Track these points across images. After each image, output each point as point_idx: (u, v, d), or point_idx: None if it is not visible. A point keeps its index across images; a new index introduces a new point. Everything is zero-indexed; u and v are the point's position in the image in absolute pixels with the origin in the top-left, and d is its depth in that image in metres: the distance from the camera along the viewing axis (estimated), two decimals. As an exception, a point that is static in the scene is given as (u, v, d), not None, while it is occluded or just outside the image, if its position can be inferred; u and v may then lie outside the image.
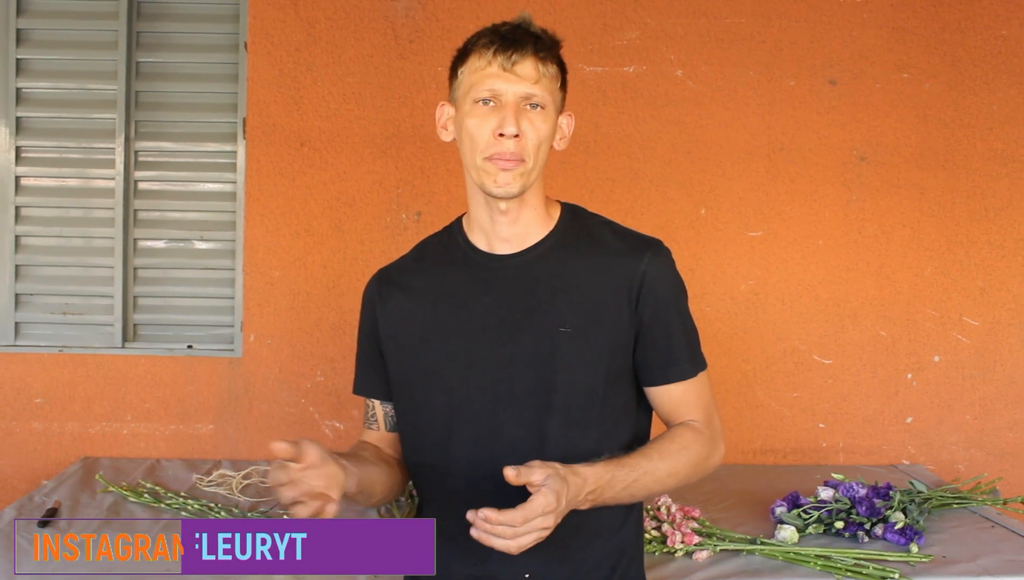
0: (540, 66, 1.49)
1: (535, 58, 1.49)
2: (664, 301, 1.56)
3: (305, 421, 3.06)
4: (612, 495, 1.44)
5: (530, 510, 1.29)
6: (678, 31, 3.05)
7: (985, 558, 2.17)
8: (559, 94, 1.55)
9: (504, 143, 1.47)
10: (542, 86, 1.49)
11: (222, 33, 3.09)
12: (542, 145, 1.51)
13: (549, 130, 1.52)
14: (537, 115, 1.50)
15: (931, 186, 3.09)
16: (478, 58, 1.50)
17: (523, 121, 1.48)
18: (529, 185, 1.53)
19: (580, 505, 1.39)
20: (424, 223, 3.00)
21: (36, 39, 3.07)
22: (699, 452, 1.55)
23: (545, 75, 1.50)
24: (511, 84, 1.48)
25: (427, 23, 3.02)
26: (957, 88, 3.09)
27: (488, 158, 1.49)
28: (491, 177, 1.50)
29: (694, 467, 1.54)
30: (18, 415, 3.05)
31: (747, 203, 3.08)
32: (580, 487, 1.37)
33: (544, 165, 1.55)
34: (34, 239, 3.09)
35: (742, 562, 2.16)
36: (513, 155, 1.48)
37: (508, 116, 1.47)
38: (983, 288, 3.10)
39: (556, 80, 1.53)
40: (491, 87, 1.49)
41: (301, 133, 3.03)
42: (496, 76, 1.48)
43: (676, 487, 1.54)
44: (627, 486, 1.45)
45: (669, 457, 1.51)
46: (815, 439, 3.11)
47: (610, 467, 1.43)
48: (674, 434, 1.56)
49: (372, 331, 1.68)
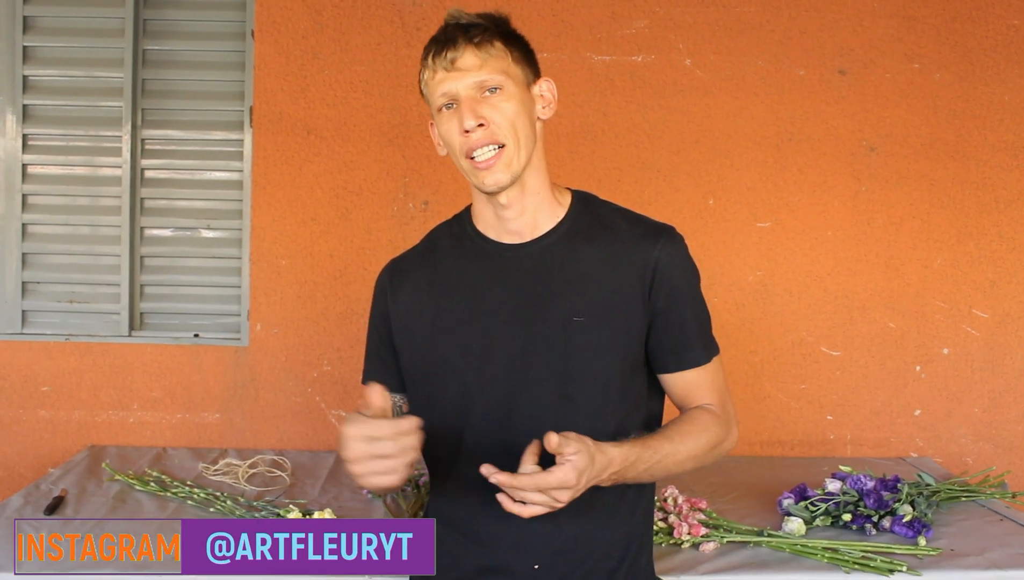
0: (479, 51, 1.49)
1: (471, 46, 1.49)
2: (678, 287, 1.56)
3: (311, 410, 3.06)
4: (634, 475, 1.44)
5: (543, 481, 1.30)
6: (687, 20, 3.04)
7: (993, 551, 2.16)
8: (516, 68, 1.54)
9: (471, 138, 1.49)
10: (489, 68, 1.50)
11: (229, 21, 3.08)
12: (516, 123, 1.51)
13: (516, 107, 1.51)
14: (497, 97, 1.50)
15: (941, 177, 3.07)
16: (426, 70, 1.54)
17: (484, 108, 1.49)
18: (520, 169, 1.52)
19: (602, 483, 1.40)
20: (431, 212, 2.99)
21: (43, 27, 3.06)
22: (717, 434, 1.55)
23: (489, 57, 1.50)
24: (458, 80, 1.49)
25: (434, 11, 3.01)
26: (968, 79, 3.06)
27: (469, 159, 1.51)
28: (479, 178, 1.52)
29: (712, 449, 1.54)
30: (25, 403, 3.05)
31: (755, 193, 3.06)
32: (604, 466, 1.36)
33: (533, 142, 1.55)
34: (41, 227, 3.09)
35: (749, 554, 2.15)
36: (486, 141, 1.49)
37: (464, 111, 1.48)
38: (993, 280, 3.09)
39: (504, 56, 1.52)
40: (443, 91, 1.51)
41: (308, 121, 3.02)
42: (444, 79, 1.50)
43: (693, 469, 1.54)
44: (649, 467, 1.45)
45: (690, 438, 1.51)
46: (823, 431, 3.10)
47: (635, 448, 1.43)
48: (692, 416, 1.56)
49: (383, 323, 1.68)
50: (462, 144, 1.50)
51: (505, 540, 1.53)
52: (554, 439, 1.29)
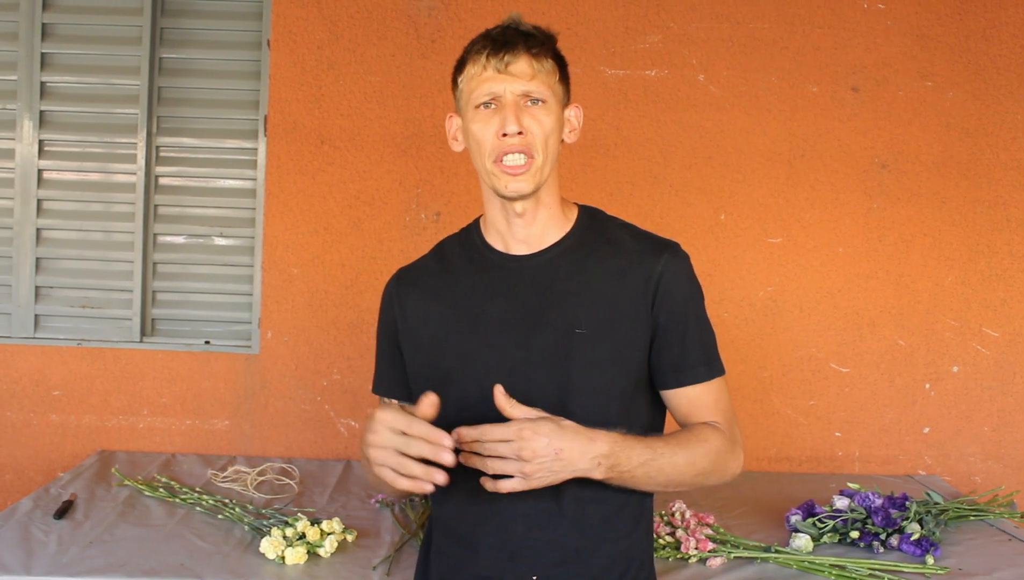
0: (535, 62, 1.50)
1: (528, 55, 1.50)
2: (680, 303, 1.56)
3: (320, 419, 3.07)
4: (629, 470, 1.43)
5: (487, 429, 1.35)
6: (700, 35, 3.05)
7: (1001, 571, 2.15)
8: (559, 88, 1.56)
9: (508, 142, 1.49)
10: (539, 81, 1.51)
11: (245, 30, 3.10)
12: (549, 138, 1.52)
13: (553, 123, 1.53)
14: (539, 110, 1.51)
15: (953, 195, 3.07)
16: (473, 65, 1.53)
17: (525, 117, 1.50)
18: (542, 182, 1.54)
19: (591, 470, 1.40)
20: (443, 223, 3.01)
21: (61, 34, 3.09)
22: (718, 447, 1.54)
23: (541, 70, 1.51)
24: (508, 84, 1.50)
25: (449, 23, 3.02)
26: (981, 97, 3.07)
27: (496, 162, 1.51)
28: (502, 181, 1.52)
29: (712, 462, 1.53)
30: (36, 407, 3.07)
31: (767, 209, 3.07)
32: (584, 444, 1.38)
33: (555, 160, 1.56)
34: (55, 233, 3.11)
35: (756, 570, 2.15)
36: (519, 148, 1.49)
37: (509, 115, 1.49)
38: (1004, 299, 3.08)
39: (553, 74, 1.54)
40: (489, 90, 1.51)
41: (322, 131, 3.04)
42: (492, 79, 1.50)
43: (694, 481, 1.52)
44: (644, 463, 1.44)
45: (688, 446, 1.50)
46: (831, 448, 3.10)
47: (629, 438, 1.43)
48: (692, 427, 1.56)
49: (391, 331, 1.69)
50: (496, 145, 1.50)
51: (505, 551, 1.53)
52: (499, 391, 1.36)
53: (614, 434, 1.42)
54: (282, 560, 2.09)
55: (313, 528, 2.17)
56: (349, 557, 2.17)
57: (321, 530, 2.19)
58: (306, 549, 2.12)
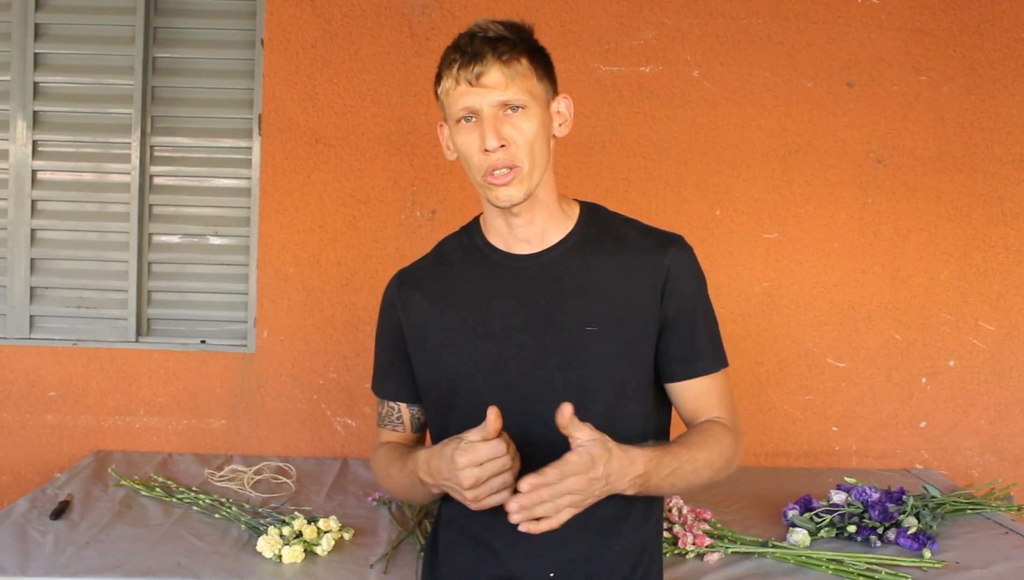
0: (506, 69, 1.47)
1: (499, 63, 1.47)
2: (688, 296, 1.57)
3: (317, 418, 3.06)
4: (656, 482, 1.43)
5: (565, 464, 1.30)
6: (695, 31, 3.04)
7: (999, 564, 2.15)
8: (539, 86, 1.53)
9: (491, 157, 1.47)
10: (515, 87, 1.48)
11: (239, 29, 3.09)
12: (534, 144, 1.50)
13: (536, 127, 1.50)
14: (519, 117, 1.49)
15: (948, 190, 3.07)
16: (447, 79, 1.51)
17: (505, 128, 1.48)
18: (534, 187, 1.53)
19: (626, 489, 1.38)
20: (439, 221, 3.00)
21: (54, 34, 3.08)
22: (730, 446, 1.55)
23: (516, 75, 1.48)
24: (483, 97, 1.47)
25: (443, 20, 3.02)
26: (975, 91, 3.07)
27: (485, 176, 1.50)
28: (493, 193, 1.51)
29: (726, 461, 1.54)
30: (32, 408, 3.06)
31: (762, 205, 3.07)
32: (627, 466, 1.36)
33: (547, 161, 1.55)
34: (50, 233, 3.11)
35: (753, 565, 2.15)
36: (505, 163, 1.48)
37: (488, 131, 1.47)
38: (999, 293, 3.09)
39: (530, 75, 1.51)
40: (465, 105, 1.49)
41: (316, 130, 3.03)
42: (466, 93, 1.48)
43: (707, 481, 1.53)
44: (670, 474, 1.44)
45: (705, 448, 1.51)
46: (828, 442, 3.10)
47: (657, 452, 1.43)
48: (705, 427, 1.56)
49: (396, 336, 1.68)
50: (481, 161, 1.49)
51: (520, 549, 1.53)
52: (568, 410, 1.29)
53: (647, 451, 1.41)
54: (279, 559, 2.09)
55: (310, 527, 2.17)
56: (346, 555, 2.17)
57: (318, 528, 2.19)
58: (303, 548, 2.11)
